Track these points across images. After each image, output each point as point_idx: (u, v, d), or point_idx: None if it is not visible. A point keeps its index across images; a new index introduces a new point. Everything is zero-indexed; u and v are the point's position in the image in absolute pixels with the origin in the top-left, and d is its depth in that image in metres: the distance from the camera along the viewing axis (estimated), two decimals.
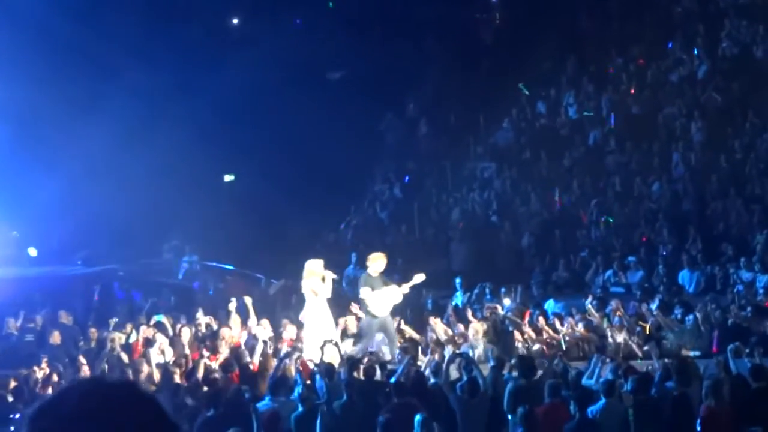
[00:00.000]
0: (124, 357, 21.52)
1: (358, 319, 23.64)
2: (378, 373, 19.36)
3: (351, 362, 19.57)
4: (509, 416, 16.05)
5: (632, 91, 32.83)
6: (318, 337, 22.05)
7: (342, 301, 26.20)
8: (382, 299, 22.73)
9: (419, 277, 22.96)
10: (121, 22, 33.60)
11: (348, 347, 22.40)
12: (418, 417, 14.61)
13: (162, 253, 32.21)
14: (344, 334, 23.19)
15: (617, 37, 35.59)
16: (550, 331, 22.35)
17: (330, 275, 23.06)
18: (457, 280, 27.17)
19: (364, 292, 22.68)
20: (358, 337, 23.22)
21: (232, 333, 22.66)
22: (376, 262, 23.14)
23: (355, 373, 19.15)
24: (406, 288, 23.13)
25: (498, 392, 17.39)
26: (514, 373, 17.76)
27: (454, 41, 35.45)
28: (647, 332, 21.48)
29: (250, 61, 33.03)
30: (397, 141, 35.35)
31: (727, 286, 24.75)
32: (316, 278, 22.67)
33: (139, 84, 32.06)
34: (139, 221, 31.31)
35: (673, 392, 15.78)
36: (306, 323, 22.75)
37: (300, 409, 16.75)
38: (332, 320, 22.89)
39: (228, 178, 35.81)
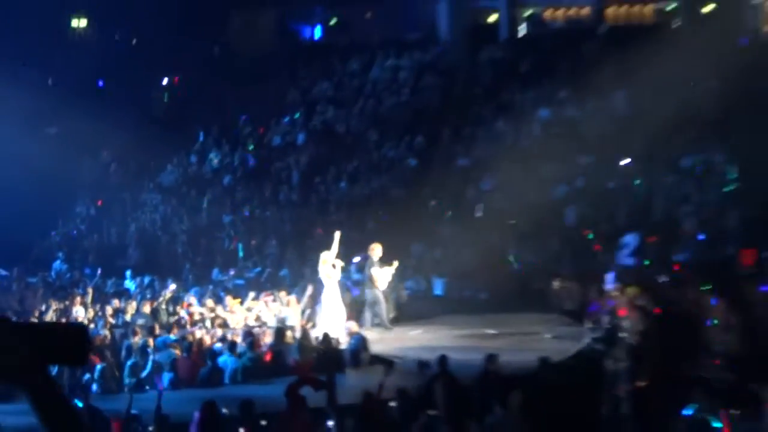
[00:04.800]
0: None
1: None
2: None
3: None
4: None
5: None
6: (332, 313, 22.27)
7: None
8: (384, 276, 23.37)
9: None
10: None
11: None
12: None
13: None
14: None
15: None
16: None
17: (339, 263, 23.02)
18: None
19: (375, 271, 23.22)
20: (370, 306, 23.51)
21: None
22: (376, 249, 23.62)
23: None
24: (392, 267, 23.76)
25: None
26: None
27: None
28: None
29: None
30: None
31: None
32: (328, 265, 22.66)
33: None
34: None
35: None
36: (323, 301, 22.60)
37: None
38: (341, 299, 22.79)
39: None
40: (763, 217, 22.89)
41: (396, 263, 23.80)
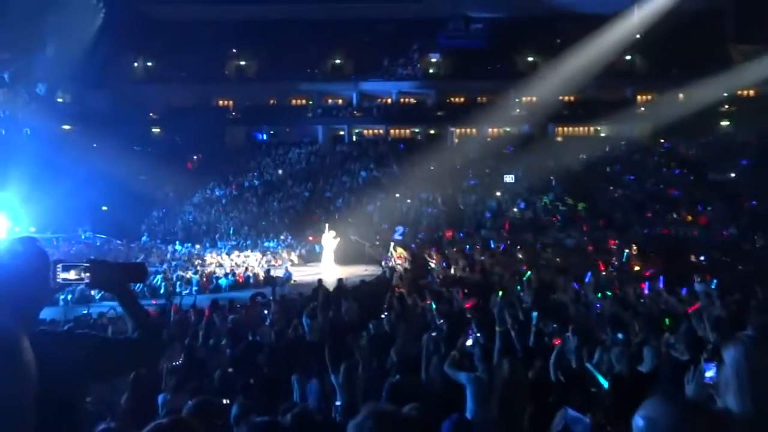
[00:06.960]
0: None
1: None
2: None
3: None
4: None
5: None
6: (327, 259, 20.01)
7: None
8: (334, 243, 20.55)
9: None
10: None
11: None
12: None
13: None
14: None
15: None
16: None
17: (334, 237, 20.16)
18: None
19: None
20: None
21: None
22: (331, 231, 20.50)
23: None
24: (337, 239, 20.43)
25: None
26: None
27: None
28: None
29: None
30: None
31: None
32: (327, 238, 20.30)
33: None
34: None
35: None
36: (324, 256, 20.13)
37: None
38: (333, 256, 20.08)
39: None
40: (453, 221, 23.47)
41: (339, 238, 20.61)
